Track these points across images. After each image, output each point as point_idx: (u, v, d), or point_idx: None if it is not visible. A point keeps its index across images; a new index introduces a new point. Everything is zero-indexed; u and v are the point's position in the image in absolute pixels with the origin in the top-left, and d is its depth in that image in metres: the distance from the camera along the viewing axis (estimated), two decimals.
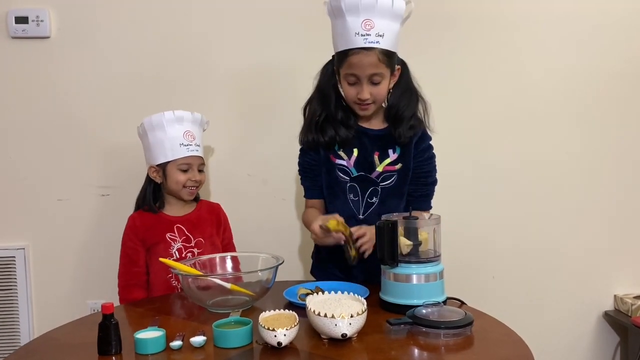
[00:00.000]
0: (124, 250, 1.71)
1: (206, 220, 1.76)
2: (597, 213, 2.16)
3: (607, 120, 2.14)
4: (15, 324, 1.99)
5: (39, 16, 1.94)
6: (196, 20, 2.01)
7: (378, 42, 1.45)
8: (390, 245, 1.29)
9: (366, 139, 1.59)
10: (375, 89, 1.50)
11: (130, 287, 1.67)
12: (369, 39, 1.44)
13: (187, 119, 1.69)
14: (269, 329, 1.07)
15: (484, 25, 2.08)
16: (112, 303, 1.12)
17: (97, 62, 1.99)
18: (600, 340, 2.20)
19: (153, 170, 1.71)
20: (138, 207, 1.75)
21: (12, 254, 1.99)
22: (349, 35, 1.44)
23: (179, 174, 1.67)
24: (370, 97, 1.50)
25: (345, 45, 1.46)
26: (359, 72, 1.47)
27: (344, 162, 1.58)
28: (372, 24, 1.43)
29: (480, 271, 2.14)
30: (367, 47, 1.44)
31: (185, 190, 1.70)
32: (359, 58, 1.45)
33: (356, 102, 1.52)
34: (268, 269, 1.36)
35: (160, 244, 1.67)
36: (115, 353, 1.10)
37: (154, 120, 1.66)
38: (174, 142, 1.66)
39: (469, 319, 1.18)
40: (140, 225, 1.70)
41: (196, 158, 1.69)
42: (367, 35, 1.43)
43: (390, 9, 1.44)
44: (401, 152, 1.59)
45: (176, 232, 1.70)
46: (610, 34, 2.11)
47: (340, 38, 1.48)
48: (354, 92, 1.51)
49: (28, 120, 1.98)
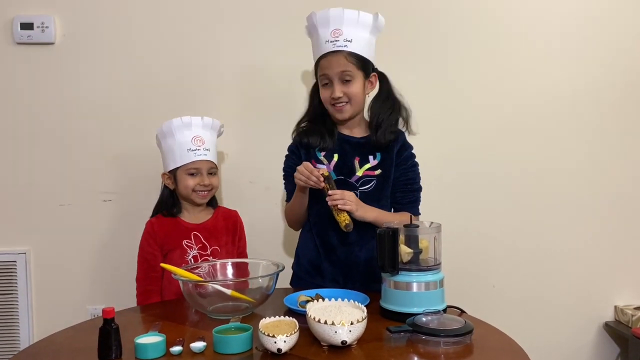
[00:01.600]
0: (142, 255, 1.71)
1: (222, 229, 1.76)
2: (598, 224, 2.16)
3: (608, 131, 2.14)
4: (15, 328, 1.99)
5: (44, 22, 1.95)
6: (201, 28, 2.02)
7: (346, 46, 1.56)
8: (391, 253, 1.30)
9: (347, 145, 1.64)
10: (346, 88, 1.57)
11: (148, 292, 1.67)
12: (337, 44, 1.56)
13: (197, 124, 1.70)
14: (269, 335, 1.08)
15: (480, 30, 2.09)
16: (113, 308, 1.12)
17: (101, 68, 2.00)
18: (601, 351, 2.19)
19: (166, 177, 1.74)
20: (156, 212, 1.77)
21: (14, 259, 1.99)
22: (320, 45, 1.58)
23: (188, 179, 1.69)
24: (344, 96, 1.57)
25: (318, 53, 1.60)
26: (328, 72, 1.57)
27: (323, 167, 1.61)
28: (340, 32, 1.56)
29: (481, 280, 2.14)
30: (334, 50, 1.56)
31: (195, 195, 1.70)
32: (328, 60, 1.57)
33: (331, 104, 1.60)
34: (268, 276, 1.37)
35: (177, 250, 1.68)
36: (115, 358, 1.09)
37: (164, 128, 1.70)
38: (183, 148, 1.68)
39: (468, 327, 1.18)
40: (158, 230, 1.70)
41: (205, 162, 1.70)
42: (336, 41, 1.56)
43: (356, 19, 1.57)
44: (381, 158, 1.63)
45: (192, 239, 1.71)
46: (609, 41, 2.12)
47: (315, 49, 1.62)
48: (328, 93, 1.59)
49: (31, 125, 2.00)
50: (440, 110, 2.07)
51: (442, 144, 2.07)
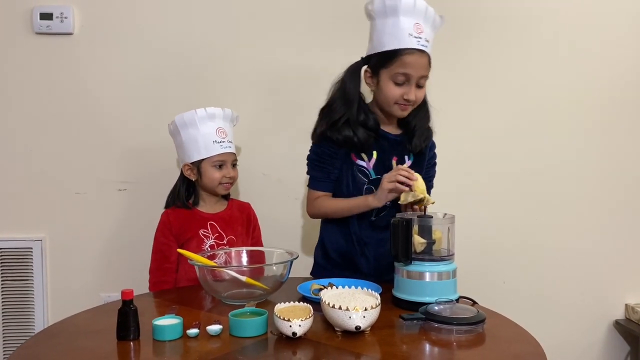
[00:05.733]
0: (156, 246, 1.71)
1: (238, 219, 1.77)
2: (609, 222, 2.16)
3: (619, 129, 2.14)
4: (31, 314, 2.02)
5: (63, 13, 1.98)
6: (217, 19, 2.04)
7: (427, 47, 1.48)
8: (405, 242, 1.31)
9: (385, 142, 1.60)
10: (419, 92, 1.52)
11: (161, 283, 1.68)
12: (421, 42, 1.46)
13: (219, 115, 1.70)
14: (284, 319, 1.09)
15: (491, 30, 2.10)
16: (132, 290, 1.14)
17: (119, 59, 2.02)
18: (611, 349, 2.19)
19: (187, 168, 1.71)
20: (168, 204, 1.77)
21: (30, 246, 2.02)
22: (402, 35, 1.45)
23: (214, 171, 1.69)
24: (416, 100, 1.51)
25: (398, 45, 1.46)
26: (412, 72, 1.47)
27: (363, 164, 1.59)
28: (422, 29, 1.46)
29: (491, 277, 2.14)
30: (420, 49, 1.46)
31: (221, 187, 1.71)
32: (414, 58, 1.46)
33: (398, 102, 1.52)
34: (283, 263, 1.39)
35: (193, 240, 1.69)
36: (133, 338, 1.12)
37: (186, 118, 1.67)
38: (207, 140, 1.67)
39: (481, 316, 1.19)
40: (174, 220, 1.70)
41: (230, 155, 1.71)
42: (419, 38, 1.46)
43: (433, 18, 1.49)
44: (414, 159, 1.62)
45: (209, 228, 1.71)
46: (621, 42, 2.12)
47: (391, 37, 1.47)
48: (399, 92, 1.50)
49: (49, 114, 2.02)
50: (453, 109, 2.07)
51: (455, 142, 2.07)
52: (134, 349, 1.10)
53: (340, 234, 1.63)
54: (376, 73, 1.54)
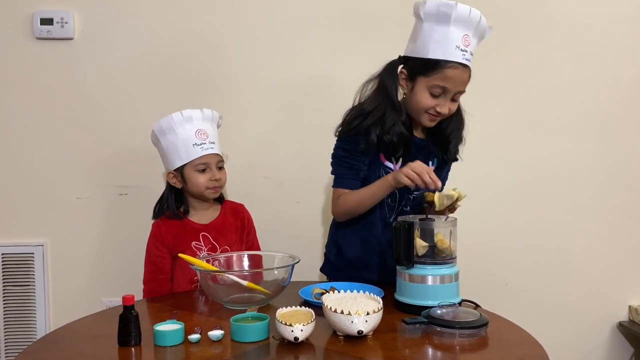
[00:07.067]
0: (149, 258, 1.66)
1: (231, 226, 1.71)
2: (612, 224, 2.16)
3: (623, 128, 2.14)
4: (32, 319, 2.02)
5: (64, 18, 1.98)
6: (218, 24, 2.04)
7: (470, 61, 1.44)
8: (407, 246, 1.31)
9: (413, 146, 1.55)
10: (453, 105, 1.48)
11: (156, 293, 1.62)
12: (466, 56, 1.42)
13: (197, 117, 1.62)
14: (286, 324, 1.09)
15: (495, 31, 2.09)
16: (133, 295, 1.14)
17: (119, 64, 2.03)
18: (614, 351, 2.18)
19: (172, 176, 1.65)
20: (156, 214, 1.70)
21: (31, 251, 2.02)
22: (449, 46, 1.40)
23: (198, 176, 1.61)
24: (448, 113, 1.48)
25: (444, 55, 1.41)
26: (451, 87, 1.43)
27: (391, 166, 1.55)
28: (469, 42, 1.42)
29: (493, 279, 2.14)
30: (464, 63, 1.42)
31: (208, 191, 1.64)
32: (457, 73, 1.42)
33: (428, 112, 1.48)
34: (284, 267, 1.38)
35: (186, 253, 1.60)
36: (134, 344, 1.11)
37: (163, 124, 1.61)
38: (187, 143, 1.59)
39: (484, 320, 1.18)
40: (165, 233, 1.64)
41: (212, 156, 1.63)
42: (465, 51, 1.42)
43: (483, 30, 1.45)
44: (437, 165, 1.61)
45: (201, 240, 1.66)
46: (621, 44, 2.12)
47: (437, 45, 1.41)
48: (432, 102, 1.46)
49: (50, 119, 2.02)
50: None
51: None
52: (136, 354, 1.09)
53: (358, 239, 1.60)
54: (413, 78, 1.48)
